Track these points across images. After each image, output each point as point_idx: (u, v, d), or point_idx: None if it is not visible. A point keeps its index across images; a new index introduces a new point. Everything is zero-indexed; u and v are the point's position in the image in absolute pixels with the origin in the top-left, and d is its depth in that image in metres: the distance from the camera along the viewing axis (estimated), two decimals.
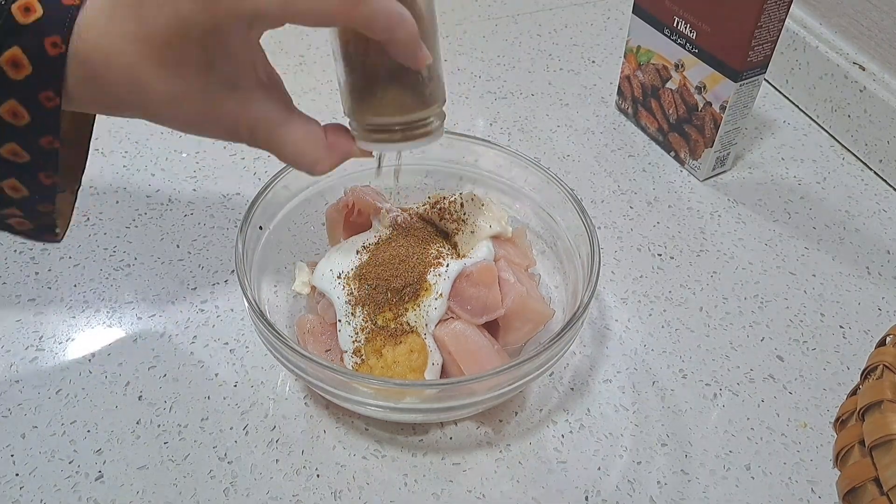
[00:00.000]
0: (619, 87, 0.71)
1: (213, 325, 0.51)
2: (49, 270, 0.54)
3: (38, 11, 0.28)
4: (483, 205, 0.49)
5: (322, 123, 0.37)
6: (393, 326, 0.44)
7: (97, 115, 0.37)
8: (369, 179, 0.54)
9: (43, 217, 0.34)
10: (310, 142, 0.35)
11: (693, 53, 0.61)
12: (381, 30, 0.31)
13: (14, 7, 0.28)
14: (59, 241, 0.37)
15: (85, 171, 0.38)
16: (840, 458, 0.42)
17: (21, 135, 0.30)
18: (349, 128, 0.39)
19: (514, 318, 0.45)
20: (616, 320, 0.53)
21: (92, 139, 0.38)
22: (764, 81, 0.75)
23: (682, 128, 0.65)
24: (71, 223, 0.38)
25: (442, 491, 0.43)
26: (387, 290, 0.44)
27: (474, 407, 0.43)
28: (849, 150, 0.70)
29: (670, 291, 0.56)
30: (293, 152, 0.35)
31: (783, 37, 0.73)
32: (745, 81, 0.59)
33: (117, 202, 0.60)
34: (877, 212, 0.63)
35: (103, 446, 0.44)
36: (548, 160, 0.67)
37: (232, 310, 0.52)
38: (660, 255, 0.58)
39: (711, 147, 0.63)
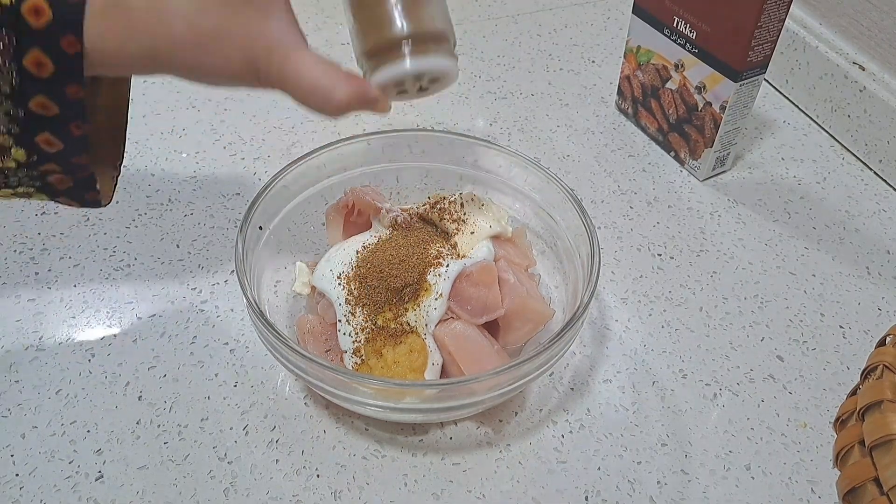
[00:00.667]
0: (619, 87, 0.72)
1: (213, 325, 0.51)
2: (49, 270, 0.54)
3: None
4: (483, 205, 0.49)
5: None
6: (393, 326, 0.44)
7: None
8: (369, 179, 0.54)
9: (79, 170, 0.35)
10: (326, 69, 0.34)
11: (693, 53, 0.61)
12: None
13: None
14: (104, 205, 0.38)
15: (126, 145, 0.39)
16: (840, 458, 0.42)
17: (48, 86, 0.31)
18: (361, 72, 0.38)
19: (514, 318, 0.45)
20: (616, 320, 0.53)
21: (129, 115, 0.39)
22: (764, 81, 0.75)
23: (682, 128, 0.65)
24: (115, 192, 0.40)
25: (442, 491, 0.43)
26: (387, 290, 0.44)
27: (474, 407, 0.43)
28: (849, 150, 0.70)
29: (670, 291, 0.56)
30: (310, 78, 0.34)
31: (783, 37, 0.73)
32: (745, 81, 0.59)
33: (117, 202, 0.60)
34: (877, 212, 0.63)
35: (103, 446, 0.44)
36: (548, 160, 0.67)
37: (232, 310, 0.52)
38: (660, 255, 0.58)
39: (711, 147, 0.63)
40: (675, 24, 0.61)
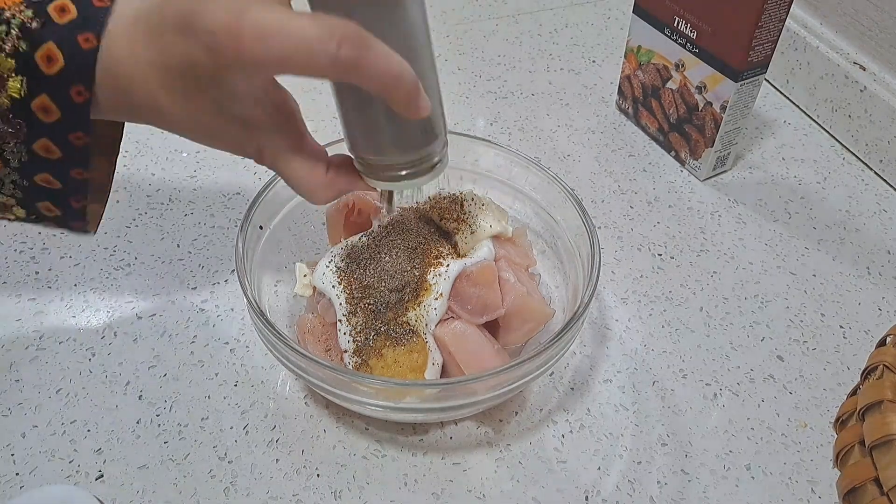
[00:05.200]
0: (619, 87, 0.71)
1: (213, 325, 0.51)
2: (49, 270, 0.54)
3: (73, 12, 0.30)
4: (483, 205, 0.49)
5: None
6: (393, 326, 0.44)
7: (124, 131, 0.39)
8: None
9: (74, 209, 0.36)
10: (310, 177, 0.37)
11: (693, 53, 0.61)
12: (380, 88, 0.31)
13: (50, 7, 0.30)
14: (90, 233, 0.39)
15: (113, 182, 0.40)
16: (840, 458, 0.42)
17: (52, 131, 0.32)
18: (354, 161, 0.38)
19: (514, 318, 0.45)
20: (616, 320, 0.53)
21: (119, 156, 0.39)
22: (764, 81, 0.75)
23: (682, 128, 0.65)
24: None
25: (442, 491, 0.43)
26: (387, 290, 0.44)
27: (474, 407, 0.43)
28: (849, 150, 0.69)
29: (670, 291, 0.56)
30: (293, 180, 0.37)
31: (783, 37, 0.73)
32: (746, 81, 0.59)
33: (117, 202, 0.60)
34: (877, 212, 0.63)
35: (103, 446, 0.44)
36: (548, 160, 0.67)
37: (232, 310, 0.52)
38: (660, 254, 0.58)
39: (712, 147, 0.63)
40: (675, 24, 0.61)
